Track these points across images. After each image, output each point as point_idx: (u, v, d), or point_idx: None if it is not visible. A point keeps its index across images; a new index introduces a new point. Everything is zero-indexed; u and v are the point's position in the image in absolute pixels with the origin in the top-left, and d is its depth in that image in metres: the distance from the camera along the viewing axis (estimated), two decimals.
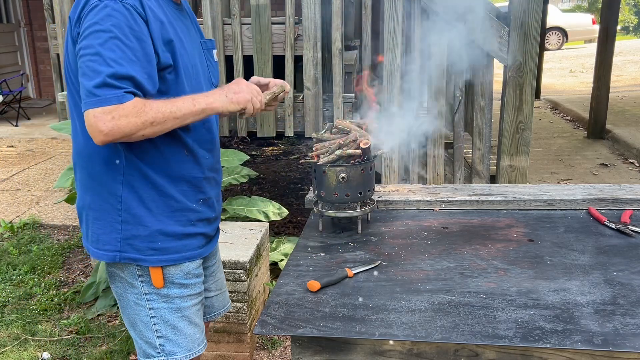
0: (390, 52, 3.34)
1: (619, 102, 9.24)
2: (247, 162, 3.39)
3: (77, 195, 1.65)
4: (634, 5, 20.88)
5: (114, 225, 1.56)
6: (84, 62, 1.37)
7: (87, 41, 1.37)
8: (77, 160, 1.61)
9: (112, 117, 1.34)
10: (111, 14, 1.38)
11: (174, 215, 1.58)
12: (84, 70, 1.37)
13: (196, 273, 1.66)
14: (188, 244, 1.62)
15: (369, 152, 1.89)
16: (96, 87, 1.34)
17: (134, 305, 1.62)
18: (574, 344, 1.24)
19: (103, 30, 1.37)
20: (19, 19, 9.66)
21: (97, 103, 1.35)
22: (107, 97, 1.34)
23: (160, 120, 1.40)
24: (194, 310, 1.68)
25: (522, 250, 1.74)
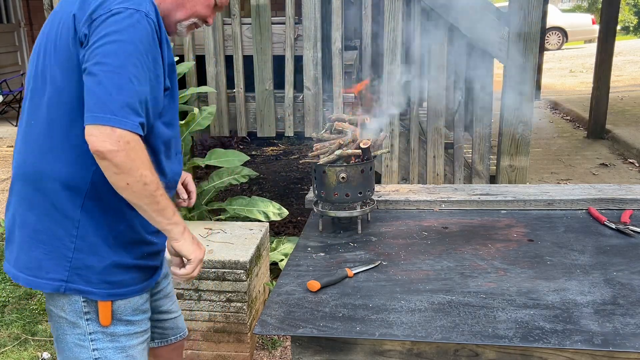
0: (390, 52, 3.34)
1: (619, 102, 9.24)
2: (247, 162, 3.38)
3: (10, 210, 1.48)
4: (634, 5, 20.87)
5: (64, 252, 1.40)
6: (103, 71, 1.27)
7: (108, 48, 1.28)
8: (25, 171, 1.44)
9: (126, 142, 1.27)
10: (136, 25, 1.30)
11: (129, 246, 1.47)
12: (100, 80, 1.27)
13: (143, 309, 1.54)
14: (137, 277, 1.50)
15: (369, 152, 1.89)
16: (119, 105, 1.26)
17: (75, 347, 1.47)
18: (574, 344, 1.24)
19: (128, 41, 1.29)
20: (19, 19, 9.66)
21: (118, 123, 1.26)
22: (127, 121, 1.27)
23: (149, 190, 1.32)
24: (139, 350, 1.55)
25: (522, 250, 1.74)
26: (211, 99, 3.53)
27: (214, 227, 3.06)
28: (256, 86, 3.49)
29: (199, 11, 1.52)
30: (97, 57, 1.28)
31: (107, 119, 1.26)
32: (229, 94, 3.56)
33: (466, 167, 3.52)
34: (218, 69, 3.50)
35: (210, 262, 2.66)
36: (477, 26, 3.22)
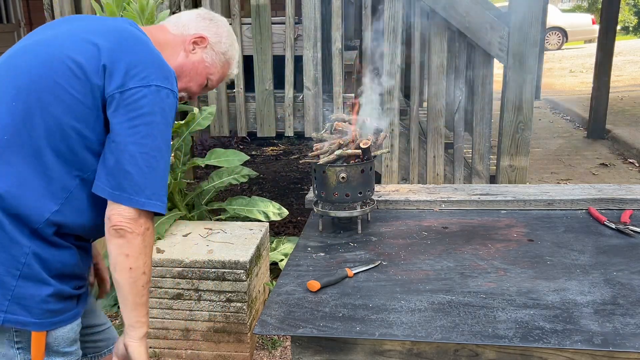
0: (391, 52, 3.34)
1: (618, 102, 9.24)
2: (247, 162, 3.39)
3: None
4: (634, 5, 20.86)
5: (6, 280, 1.31)
6: (140, 152, 1.30)
7: (146, 129, 1.31)
8: None
9: (147, 228, 1.33)
10: (170, 106, 1.36)
11: (71, 278, 1.43)
12: (137, 162, 1.30)
13: (76, 338, 1.48)
14: (73, 304, 1.45)
15: (369, 152, 1.89)
16: (153, 190, 1.32)
17: None
18: (573, 344, 1.24)
19: (162, 123, 1.34)
20: (19, 19, 9.67)
21: (150, 206, 1.32)
22: (157, 204, 1.34)
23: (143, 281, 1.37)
24: None
25: (522, 250, 1.74)
26: (211, 99, 3.53)
27: (214, 227, 3.07)
28: (256, 86, 3.49)
29: (190, 88, 1.59)
30: (134, 136, 1.30)
31: (141, 202, 1.31)
32: (229, 94, 3.56)
33: (466, 167, 3.52)
34: None
35: (210, 262, 2.66)
36: (477, 26, 3.22)
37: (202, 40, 1.55)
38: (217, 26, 1.59)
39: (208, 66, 1.58)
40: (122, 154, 1.30)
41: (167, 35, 1.54)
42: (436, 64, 3.34)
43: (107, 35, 1.37)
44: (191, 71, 1.55)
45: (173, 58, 1.52)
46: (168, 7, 3.45)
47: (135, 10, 3.01)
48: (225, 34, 1.60)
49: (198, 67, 1.56)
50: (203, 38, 1.55)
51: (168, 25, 1.57)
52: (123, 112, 1.31)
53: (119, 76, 1.31)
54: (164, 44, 1.51)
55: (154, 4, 3.07)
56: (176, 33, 1.55)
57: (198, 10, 1.63)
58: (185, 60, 1.54)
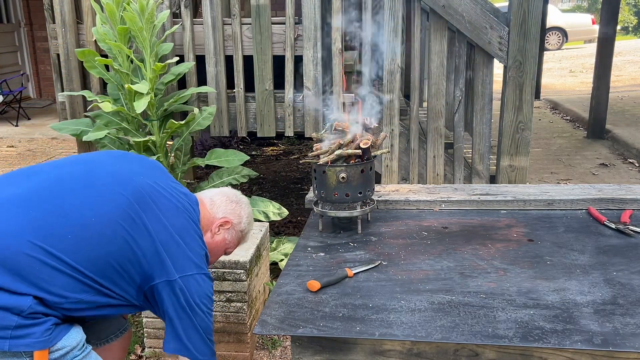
0: (391, 52, 3.34)
1: (618, 102, 9.24)
2: (247, 162, 3.38)
3: None
4: (633, 6, 20.87)
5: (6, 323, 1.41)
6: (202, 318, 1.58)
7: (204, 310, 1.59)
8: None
9: None
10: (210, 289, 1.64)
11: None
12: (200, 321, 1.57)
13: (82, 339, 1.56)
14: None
15: (369, 152, 1.89)
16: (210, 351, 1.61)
17: None
18: (573, 343, 1.24)
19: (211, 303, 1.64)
20: (19, 19, 9.66)
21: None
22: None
23: None
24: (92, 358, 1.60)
25: (522, 250, 1.74)
26: (211, 99, 3.53)
27: None
28: (256, 86, 3.49)
29: (210, 262, 1.80)
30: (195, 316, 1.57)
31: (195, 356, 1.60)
32: (229, 94, 3.56)
33: (466, 167, 3.52)
34: (218, 69, 3.50)
35: None
36: (477, 26, 3.22)
37: (227, 223, 1.80)
38: (241, 209, 1.84)
39: (228, 242, 1.83)
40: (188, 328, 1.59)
41: (206, 213, 1.77)
42: (436, 64, 3.34)
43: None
44: (213, 249, 1.79)
45: (204, 235, 1.74)
46: (168, 7, 3.45)
47: (135, 10, 3.01)
48: (246, 214, 1.85)
49: (220, 245, 1.81)
50: (228, 222, 1.80)
51: (206, 201, 1.80)
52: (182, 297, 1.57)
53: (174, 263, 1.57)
54: (202, 219, 1.73)
55: (154, 4, 3.06)
56: (211, 212, 1.79)
57: (227, 191, 1.87)
58: (211, 241, 1.77)
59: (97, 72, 3.21)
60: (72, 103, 3.58)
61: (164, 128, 3.21)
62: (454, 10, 3.21)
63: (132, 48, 3.28)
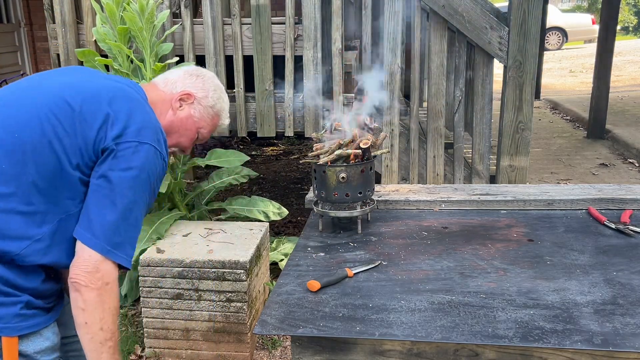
0: (390, 52, 3.34)
1: (619, 102, 9.25)
2: (247, 162, 3.39)
3: None
4: (633, 5, 20.87)
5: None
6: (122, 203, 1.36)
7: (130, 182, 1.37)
8: None
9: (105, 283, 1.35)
10: (159, 170, 1.44)
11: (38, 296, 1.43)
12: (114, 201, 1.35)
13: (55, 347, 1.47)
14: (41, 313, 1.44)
15: (369, 152, 1.89)
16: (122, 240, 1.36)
17: None
18: (573, 343, 1.24)
19: (149, 183, 1.41)
20: (19, 19, 9.66)
21: (114, 256, 1.36)
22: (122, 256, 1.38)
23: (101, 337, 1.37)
24: None
25: (522, 250, 1.74)
26: None
27: (214, 227, 3.06)
28: (256, 86, 3.49)
29: (181, 142, 1.66)
30: (118, 187, 1.36)
31: (106, 249, 1.34)
32: (229, 94, 3.55)
33: (466, 167, 3.52)
34: (218, 69, 3.50)
35: (210, 262, 2.66)
36: (477, 26, 3.22)
37: (189, 96, 1.63)
38: (204, 81, 1.67)
39: (197, 120, 1.65)
40: (103, 199, 1.36)
41: (159, 93, 1.62)
42: (436, 64, 3.34)
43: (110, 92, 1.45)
44: (180, 127, 1.63)
45: (163, 116, 1.59)
46: (168, 7, 3.45)
47: (135, 10, 3.01)
48: (212, 87, 1.68)
49: (187, 122, 1.63)
50: (189, 94, 1.63)
51: (158, 83, 1.65)
52: (115, 164, 1.37)
53: (119, 127, 1.38)
54: (156, 102, 1.58)
55: (154, 4, 3.07)
56: (165, 91, 1.63)
57: (186, 68, 1.71)
58: (174, 118, 1.61)
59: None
60: None
61: None
62: (454, 10, 3.21)
63: (132, 48, 3.28)
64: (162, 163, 1.46)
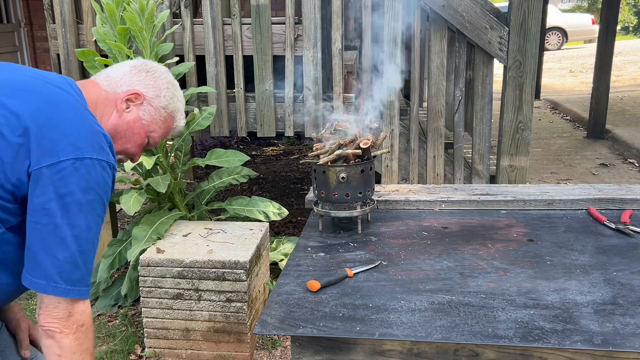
0: (391, 52, 3.33)
1: (619, 102, 9.25)
2: (247, 162, 3.39)
3: None
4: (633, 5, 20.86)
5: None
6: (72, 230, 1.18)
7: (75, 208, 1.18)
8: None
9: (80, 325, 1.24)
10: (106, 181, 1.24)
11: None
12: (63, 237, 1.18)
13: None
14: None
15: (369, 152, 1.89)
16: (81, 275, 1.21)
17: None
18: (573, 343, 1.24)
19: (100, 200, 1.23)
20: (19, 19, 9.66)
21: (78, 294, 1.21)
22: (85, 290, 1.23)
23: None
24: None
25: (522, 250, 1.74)
26: (211, 99, 3.53)
27: (214, 227, 3.06)
28: (256, 86, 3.49)
29: (128, 149, 1.47)
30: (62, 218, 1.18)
31: (72, 291, 1.21)
32: (229, 94, 3.56)
33: (466, 167, 3.52)
34: (218, 69, 3.50)
35: (210, 262, 2.66)
36: (477, 26, 3.22)
37: (137, 96, 1.42)
38: (155, 78, 1.46)
39: (146, 124, 1.45)
40: (48, 236, 1.18)
41: (100, 92, 1.40)
42: (436, 64, 3.34)
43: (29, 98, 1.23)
44: (127, 131, 1.42)
45: (105, 118, 1.39)
46: (168, 7, 3.45)
47: (135, 10, 3.01)
48: (165, 85, 1.47)
49: (134, 126, 1.43)
50: (137, 94, 1.42)
51: (99, 80, 1.44)
52: (51, 188, 1.17)
53: (46, 145, 1.18)
54: (97, 103, 1.38)
55: (154, 4, 3.07)
56: (108, 90, 1.42)
57: (132, 62, 1.49)
58: (119, 121, 1.41)
59: (97, 72, 3.20)
60: None
61: None
62: (454, 10, 3.21)
63: (132, 48, 3.28)
64: (110, 173, 1.26)
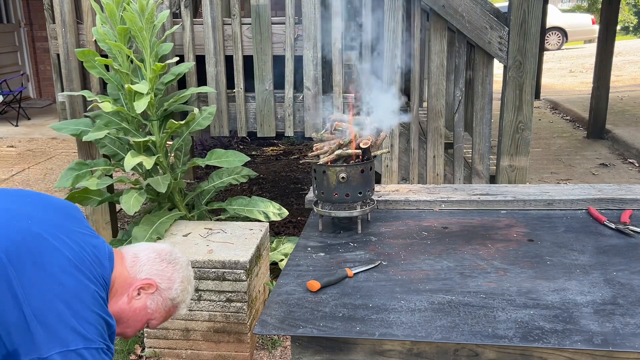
0: (391, 52, 3.33)
1: (618, 102, 9.25)
2: (247, 162, 3.39)
3: None
4: (634, 5, 20.86)
5: None
6: None
7: None
8: None
9: None
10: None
11: None
12: None
13: None
14: None
15: (369, 152, 1.89)
16: None
17: None
18: (573, 343, 1.24)
19: None
20: (19, 19, 9.66)
21: None
22: None
23: None
24: None
25: (522, 250, 1.74)
26: (211, 99, 3.53)
27: (214, 227, 3.06)
28: (256, 86, 3.49)
29: (126, 333, 1.49)
30: None
31: None
32: (229, 94, 3.56)
33: (466, 167, 3.52)
34: (218, 69, 3.50)
35: (210, 262, 2.66)
36: (477, 26, 3.22)
37: (150, 286, 1.45)
38: (174, 270, 1.50)
39: (151, 312, 1.48)
40: None
41: (122, 271, 1.43)
42: (436, 64, 3.34)
43: None
44: (130, 318, 1.45)
45: (116, 299, 1.42)
46: (168, 7, 3.45)
47: (135, 10, 3.01)
48: (180, 279, 1.50)
49: (139, 313, 1.45)
50: (151, 285, 1.45)
51: (127, 257, 1.47)
52: None
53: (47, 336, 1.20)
54: (117, 280, 1.41)
55: (154, 4, 3.06)
56: (130, 273, 1.45)
57: (159, 248, 1.53)
58: (126, 307, 1.43)
59: (97, 72, 3.21)
60: (72, 103, 3.58)
61: (164, 128, 3.21)
62: (454, 10, 3.21)
63: (132, 48, 3.28)
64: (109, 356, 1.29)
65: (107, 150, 3.34)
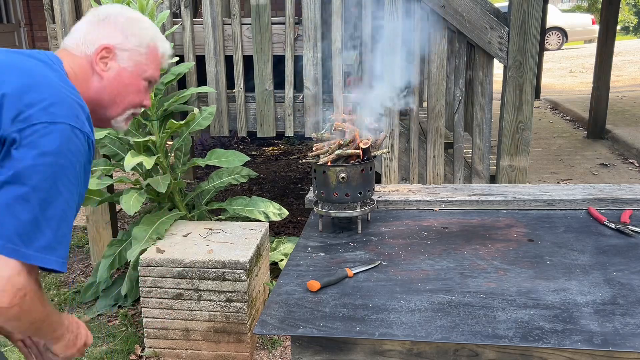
0: (391, 52, 3.33)
1: (618, 102, 9.25)
2: (247, 162, 3.39)
3: None
4: (634, 5, 20.87)
5: None
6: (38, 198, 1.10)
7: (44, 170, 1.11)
8: None
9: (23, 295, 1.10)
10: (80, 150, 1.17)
11: None
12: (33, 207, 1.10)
13: None
14: None
15: (369, 152, 1.89)
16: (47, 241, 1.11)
17: None
18: (573, 343, 1.24)
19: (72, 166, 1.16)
20: (19, 19, 9.67)
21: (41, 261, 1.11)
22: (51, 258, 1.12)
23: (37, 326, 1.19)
24: None
25: (522, 250, 1.74)
26: (211, 99, 3.53)
27: (214, 227, 3.07)
28: (256, 86, 3.49)
29: (132, 101, 1.40)
30: (29, 180, 1.10)
31: (27, 255, 1.10)
32: (229, 94, 3.56)
33: (466, 167, 3.52)
34: (218, 69, 3.50)
35: (210, 262, 2.66)
36: (477, 26, 3.22)
37: (107, 50, 1.34)
38: (115, 23, 1.36)
39: (133, 70, 1.37)
40: (14, 200, 1.10)
41: (74, 59, 1.33)
42: (436, 64, 3.34)
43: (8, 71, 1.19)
44: (118, 88, 1.36)
45: (87, 85, 1.33)
46: (168, 7, 3.45)
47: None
48: (124, 23, 1.37)
49: (123, 79, 1.36)
50: (106, 48, 1.34)
51: (69, 46, 1.36)
52: (24, 153, 1.11)
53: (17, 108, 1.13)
54: (76, 72, 1.32)
55: (154, 4, 3.07)
56: (80, 55, 1.34)
57: (87, 17, 1.40)
58: (104, 83, 1.35)
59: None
60: None
61: (164, 128, 3.21)
62: (454, 10, 3.21)
63: None
64: (85, 143, 1.19)
65: (107, 150, 3.34)
